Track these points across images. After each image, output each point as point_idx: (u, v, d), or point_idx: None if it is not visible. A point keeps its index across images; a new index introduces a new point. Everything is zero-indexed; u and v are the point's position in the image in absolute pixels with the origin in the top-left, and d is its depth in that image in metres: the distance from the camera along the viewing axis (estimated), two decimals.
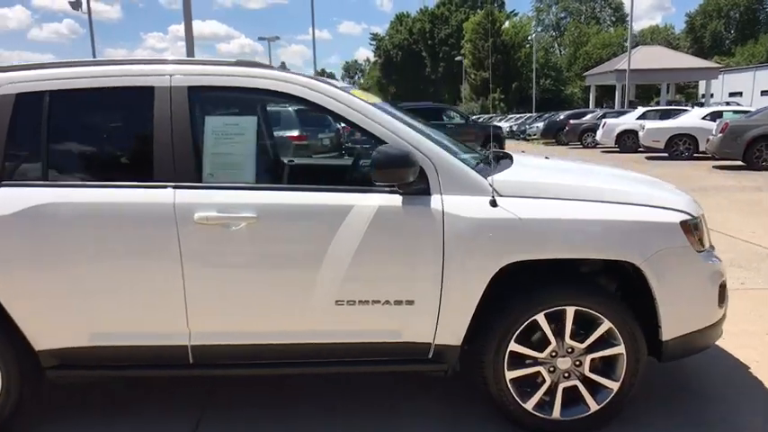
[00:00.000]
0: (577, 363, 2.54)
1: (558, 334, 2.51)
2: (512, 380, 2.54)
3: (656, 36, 60.32)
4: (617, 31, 55.79)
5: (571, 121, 22.61)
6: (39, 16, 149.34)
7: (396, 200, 2.43)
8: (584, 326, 2.52)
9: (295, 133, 12.09)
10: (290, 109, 12.45)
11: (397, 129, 2.51)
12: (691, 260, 2.50)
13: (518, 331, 2.49)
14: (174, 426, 2.74)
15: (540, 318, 2.48)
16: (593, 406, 2.56)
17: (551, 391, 2.56)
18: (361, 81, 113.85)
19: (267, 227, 2.43)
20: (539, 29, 65.88)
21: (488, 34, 54.12)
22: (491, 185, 2.46)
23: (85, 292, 2.49)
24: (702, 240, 2.62)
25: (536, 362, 2.54)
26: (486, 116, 46.02)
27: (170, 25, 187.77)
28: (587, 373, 2.55)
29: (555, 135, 24.45)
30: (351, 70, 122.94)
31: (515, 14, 65.46)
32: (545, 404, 2.58)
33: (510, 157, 3.11)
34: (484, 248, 2.42)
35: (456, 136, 13.81)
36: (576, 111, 25.15)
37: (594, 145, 20.71)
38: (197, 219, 2.41)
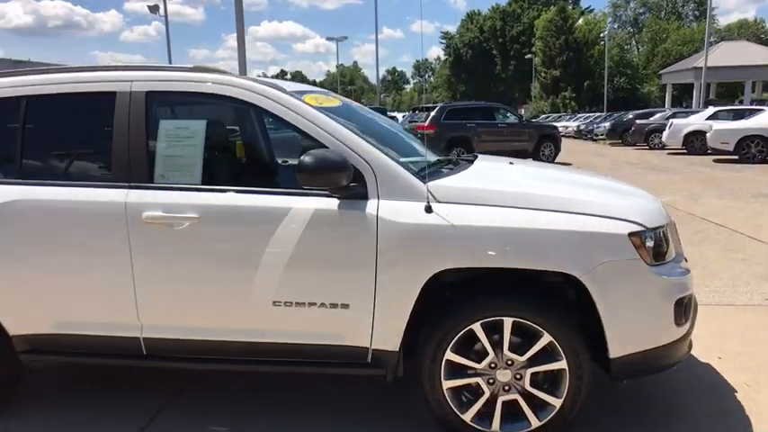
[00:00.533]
0: (518, 376, 2.46)
1: (498, 345, 2.44)
2: (449, 389, 2.49)
3: (743, 31, 56.28)
4: (699, 27, 52.52)
5: (637, 122, 21.57)
6: (129, 19, 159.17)
7: (333, 204, 2.45)
8: (524, 338, 2.43)
9: None
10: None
11: (338, 133, 2.52)
12: (639, 274, 2.35)
13: (454, 340, 2.44)
14: (133, 414, 2.88)
15: (477, 327, 2.42)
16: (534, 422, 2.46)
17: (491, 404, 2.49)
18: (431, 80, 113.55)
19: (208, 227, 2.52)
20: (615, 25, 63.13)
21: (560, 31, 52.52)
22: (429, 191, 2.43)
23: (49, 282, 2.67)
24: (662, 252, 2.47)
25: (475, 372, 2.48)
26: (555, 115, 44.73)
27: (249, 26, 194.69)
28: (528, 388, 2.46)
29: (621, 135, 23.40)
30: (421, 69, 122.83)
31: (590, 11, 63.19)
32: (485, 416, 2.51)
33: (471, 162, 3.05)
34: (416, 255, 2.39)
35: (509, 136, 13.83)
36: (645, 110, 23.93)
37: (662, 146, 19.67)
38: (144, 218, 2.53)
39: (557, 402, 2.44)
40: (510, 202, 2.42)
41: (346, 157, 2.43)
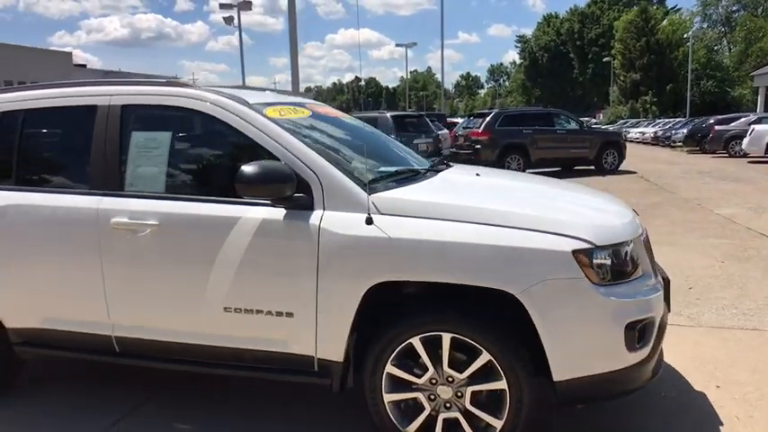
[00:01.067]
0: (459, 394, 2.40)
1: (439, 361, 2.40)
2: (390, 402, 2.48)
3: None
4: None
5: (716, 128, 20.18)
6: (215, 30, 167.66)
7: (279, 214, 2.50)
8: (466, 355, 2.37)
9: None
10: (387, 115, 12.80)
11: (290, 145, 2.57)
12: (583, 295, 2.23)
13: (394, 353, 2.42)
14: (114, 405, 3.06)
15: (416, 342, 2.39)
16: None
17: (432, 420, 2.44)
18: (506, 84, 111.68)
19: (167, 234, 2.64)
20: (704, 25, 59.37)
21: (641, 33, 50.12)
22: (372, 203, 2.43)
23: (35, 280, 2.90)
24: (624, 271, 2.34)
25: (416, 387, 2.45)
26: (634, 120, 42.71)
27: (326, 35, 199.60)
28: (468, 406, 2.39)
29: (699, 142, 22.00)
30: (496, 73, 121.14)
31: (676, 10, 59.90)
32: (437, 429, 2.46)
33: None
34: (354, 266, 2.39)
35: (568, 143, 13.43)
36: (727, 116, 22.31)
37: (743, 154, 18.30)
38: (112, 223, 2.69)
39: (497, 424, 2.37)
40: (452, 215, 2.37)
41: (293, 169, 2.48)
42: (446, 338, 2.35)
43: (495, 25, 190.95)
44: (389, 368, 2.44)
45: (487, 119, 14.54)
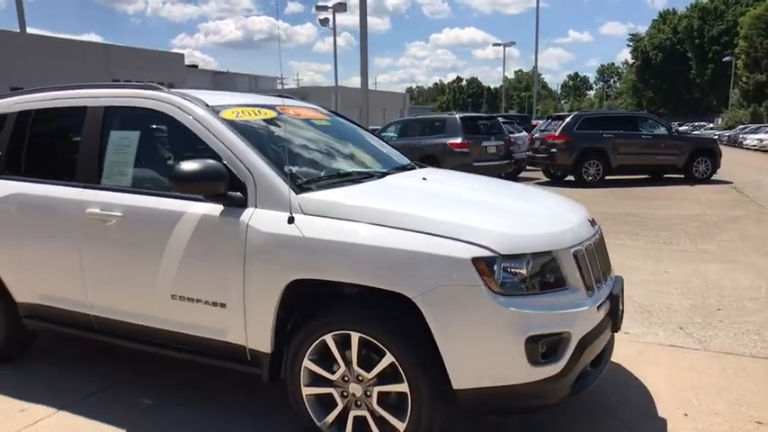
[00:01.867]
0: (368, 393, 2.45)
1: (350, 359, 2.45)
2: (308, 396, 2.57)
3: None
4: None
5: None
6: (322, 31, 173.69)
7: (217, 210, 2.68)
8: (376, 355, 2.41)
9: (457, 140, 12.34)
10: (455, 117, 12.74)
11: (233, 146, 2.73)
12: (480, 303, 2.19)
13: (310, 349, 2.51)
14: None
15: (329, 339, 2.46)
16: None
17: (345, 416, 2.51)
18: (616, 85, 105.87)
19: (128, 224, 2.91)
20: None
21: None
22: (298, 203, 2.53)
23: (33, 260, 3.30)
24: (544, 282, 2.30)
25: (330, 383, 2.52)
26: (754, 126, 38.91)
27: (431, 34, 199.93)
28: (375, 406, 2.43)
29: None
30: (606, 74, 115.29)
31: None
32: (340, 428, 2.53)
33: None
34: (273, 263, 2.51)
35: (654, 149, 12.77)
36: None
37: None
38: (87, 213, 3.01)
39: (400, 426, 2.39)
40: (366, 218, 2.42)
41: (232, 168, 2.65)
42: (354, 337, 2.41)
43: (608, 23, 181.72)
44: (306, 362, 2.53)
45: (566, 121, 13.98)
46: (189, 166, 2.56)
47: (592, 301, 2.44)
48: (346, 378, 2.48)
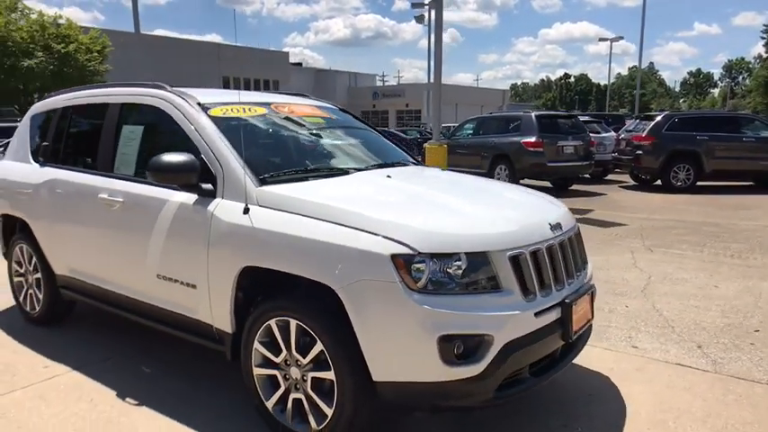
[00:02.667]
0: (304, 377, 2.57)
1: (290, 344, 2.59)
2: (258, 376, 2.74)
3: None
4: None
5: None
6: (428, 29, 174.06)
7: (192, 199, 2.92)
8: (311, 342, 2.53)
9: (531, 139, 12.02)
10: (531, 115, 12.40)
11: (210, 141, 2.96)
12: (395, 299, 2.24)
13: (259, 332, 2.68)
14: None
15: (273, 324, 2.62)
16: (314, 426, 2.55)
17: (287, 398, 2.65)
18: (746, 82, 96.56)
19: (127, 210, 3.25)
20: None
21: None
22: (256, 196, 2.71)
23: (63, 238, 3.76)
24: (473, 281, 2.32)
25: (275, 366, 2.67)
26: None
27: (540, 29, 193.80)
28: (308, 390, 2.56)
29: None
30: (734, 70, 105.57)
31: None
32: (282, 408, 2.68)
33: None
34: (229, 250, 2.72)
35: (755, 153, 11.89)
36: None
37: None
38: (99, 198, 3.39)
39: (328, 412, 2.49)
40: (308, 211, 2.54)
41: (208, 161, 2.88)
42: (293, 324, 2.55)
43: (742, 13, 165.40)
44: (257, 344, 2.71)
45: (655, 121, 13.09)
46: (162, 158, 2.82)
47: (528, 306, 2.40)
48: (288, 362, 2.62)
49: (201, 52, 38.81)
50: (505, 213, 2.67)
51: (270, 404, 2.71)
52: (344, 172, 3.15)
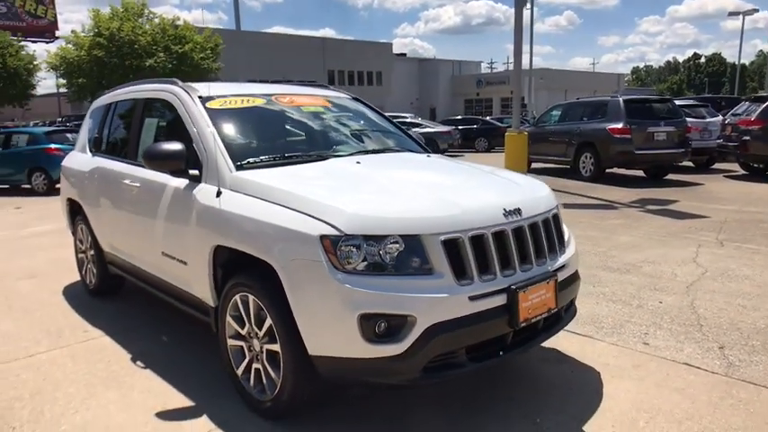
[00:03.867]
0: (262, 349, 2.76)
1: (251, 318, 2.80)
2: (230, 347, 2.97)
3: None
4: None
5: None
6: (542, 12, 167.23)
7: (183, 183, 3.22)
8: (265, 317, 2.70)
9: (618, 126, 11.37)
10: (618, 99, 11.71)
11: (201, 130, 3.23)
12: (321, 277, 2.35)
13: (229, 306, 2.91)
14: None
15: (238, 299, 2.84)
16: (269, 394, 2.73)
17: (250, 368, 2.86)
18: None
19: (141, 193, 3.64)
20: None
21: None
22: (228, 181, 2.94)
23: (105, 219, 4.27)
24: (406, 262, 2.37)
25: (242, 337, 2.89)
26: None
27: (668, 6, 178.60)
28: (264, 361, 2.74)
29: None
30: None
31: None
32: (247, 377, 2.89)
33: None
34: (204, 230, 2.97)
35: None
36: None
37: None
38: (123, 183, 3.83)
39: (278, 383, 2.66)
40: (262, 194, 2.73)
41: (197, 149, 3.16)
42: (251, 299, 2.75)
43: None
44: (228, 317, 2.94)
45: (767, 103, 11.77)
46: (153, 147, 3.13)
47: (461, 290, 2.41)
48: (251, 335, 2.83)
49: (307, 47, 40.43)
50: (452, 197, 2.65)
51: (239, 373, 2.93)
52: (322, 158, 3.28)
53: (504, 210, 2.66)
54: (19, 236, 7.85)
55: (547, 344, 3.65)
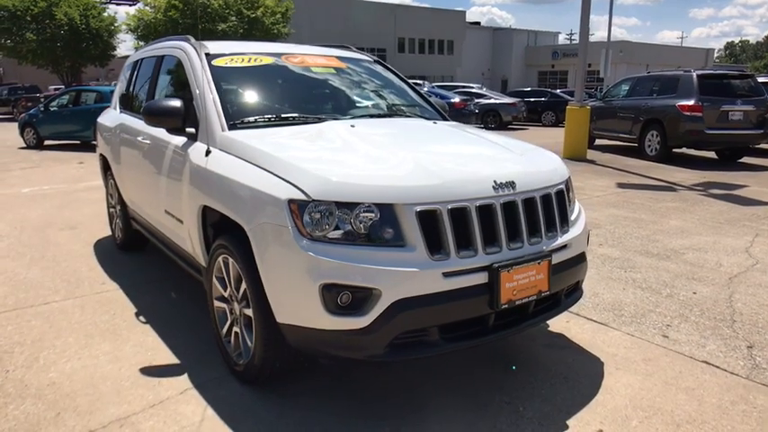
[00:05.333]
0: (240, 313, 2.73)
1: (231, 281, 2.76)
2: (216, 308, 2.96)
3: None
4: None
5: None
6: None
7: (182, 141, 3.20)
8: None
9: (689, 102, 10.58)
10: (692, 74, 10.89)
11: (201, 88, 3.18)
12: (286, 243, 2.25)
13: (213, 268, 2.88)
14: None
15: (221, 261, 2.80)
16: (245, 359, 2.70)
17: (231, 330, 2.84)
18: None
19: (150, 150, 3.67)
20: None
21: None
22: (219, 140, 2.89)
23: (125, 174, 4.36)
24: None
25: (225, 300, 2.86)
26: None
27: None
28: (242, 325, 2.71)
29: None
30: None
31: None
32: (229, 340, 2.87)
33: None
34: (194, 188, 2.95)
35: None
36: None
37: None
38: (137, 139, 3.88)
39: (251, 347, 2.62)
40: (246, 156, 2.65)
41: (196, 107, 3.12)
42: (231, 263, 2.70)
43: None
44: (214, 279, 2.92)
45: None
46: (152, 104, 3.12)
47: (434, 265, 2.25)
48: (232, 298, 2.80)
49: (379, 13, 39.90)
50: (436, 167, 2.46)
51: (222, 334, 2.92)
52: (320, 120, 3.16)
53: (495, 182, 2.45)
54: (74, 188, 8.26)
55: (556, 328, 3.45)
